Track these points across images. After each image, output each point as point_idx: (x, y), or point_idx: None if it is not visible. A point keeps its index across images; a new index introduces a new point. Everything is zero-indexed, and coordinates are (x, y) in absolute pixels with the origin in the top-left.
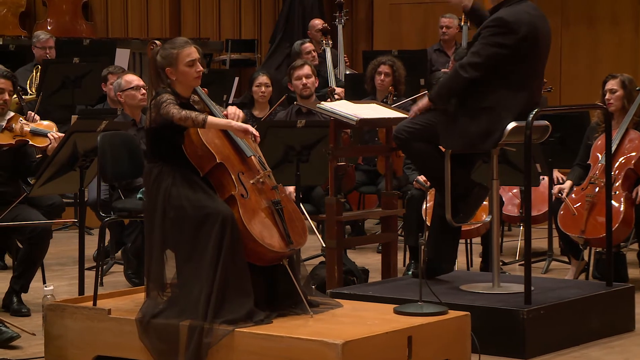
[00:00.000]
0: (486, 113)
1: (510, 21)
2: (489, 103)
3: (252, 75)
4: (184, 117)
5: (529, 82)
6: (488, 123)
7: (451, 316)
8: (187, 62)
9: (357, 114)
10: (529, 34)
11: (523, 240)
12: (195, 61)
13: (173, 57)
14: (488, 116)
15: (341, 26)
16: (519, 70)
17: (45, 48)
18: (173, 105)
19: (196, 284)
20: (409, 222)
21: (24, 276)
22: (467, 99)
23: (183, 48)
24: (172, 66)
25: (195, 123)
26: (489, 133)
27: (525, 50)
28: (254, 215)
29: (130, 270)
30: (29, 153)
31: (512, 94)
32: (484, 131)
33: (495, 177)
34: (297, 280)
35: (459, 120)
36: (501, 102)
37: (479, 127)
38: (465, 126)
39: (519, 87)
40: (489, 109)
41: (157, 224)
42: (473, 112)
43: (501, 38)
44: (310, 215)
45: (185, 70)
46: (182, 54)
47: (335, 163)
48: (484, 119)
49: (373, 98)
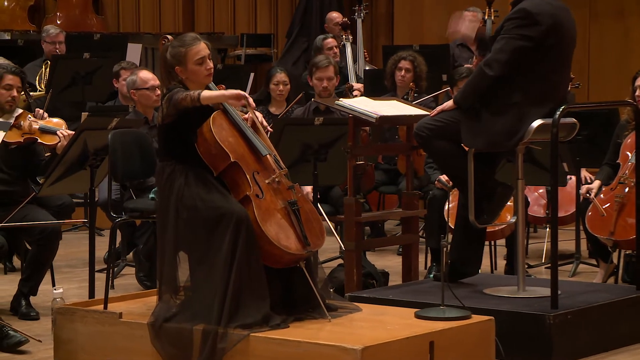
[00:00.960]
0: (510, 110)
1: (534, 12)
2: (513, 99)
3: (269, 72)
4: (183, 96)
5: (554, 77)
6: (512, 120)
7: (474, 321)
8: (197, 60)
9: (376, 111)
10: (553, 25)
11: (549, 242)
12: (204, 59)
13: (181, 56)
14: (512, 113)
15: (360, 20)
16: (544, 65)
17: (54, 43)
18: (181, 91)
19: (210, 287)
20: (431, 223)
21: (33, 278)
22: (491, 95)
23: (191, 46)
24: (182, 65)
25: (192, 99)
26: (514, 131)
27: (549, 43)
28: (270, 216)
29: (142, 273)
30: (37, 151)
31: (537, 90)
32: (508, 129)
33: (521, 176)
34: (315, 284)
35: (482, 117)
36: (526, 98)
37: (503, 125)
38: (488, 124)
39: (544, 83)
40: (513, 106)
41: (169, 225)
42: (497, 110)
43: (525, 30)
44: (328, 216)
45: (195, 68)
46: (191, 52)
47: (354, 162)
48: (508, 116)
49: (393, 95)
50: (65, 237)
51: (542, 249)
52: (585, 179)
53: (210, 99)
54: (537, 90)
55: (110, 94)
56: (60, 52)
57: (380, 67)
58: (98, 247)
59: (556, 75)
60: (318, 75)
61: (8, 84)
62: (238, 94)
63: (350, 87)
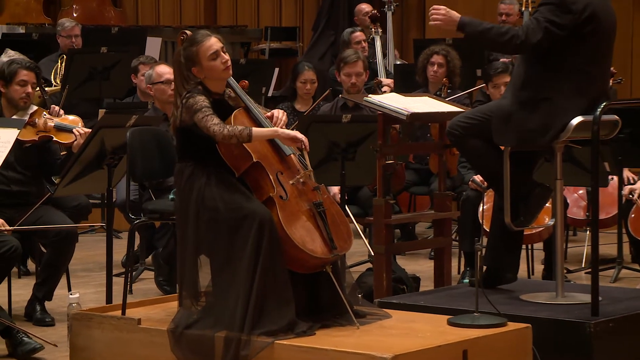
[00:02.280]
0: (542, 105)
1: (568, 0)
2: (545, 94)
3: (295, 67)
4: (227, 136)
5: (590, 70)
6: (544, 116)
7: (510, 328)
8: (210, 56)
9: (407, 108)
10: (588, 14)
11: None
12: (218, 52)
13: (194, 55)
14: (544, 108)
15: (390, 13)
16: (579, 57)
17: (70, 37)
18: (211, 117)
19: (232, 292)
20: (464, 226)
21: (48, 283)
22: (523, 89)
23: (202, 42)
24: (197, 64)
25: (240, 139)
26: (546, 127)
27: (584, 33)
28: (294, 218)
29: (161, 277)
30: (53, 150)
31: (571, 84)
32: (540, 125)
33: (559, 176)
34: (342, 289)
35: (513, 113)
36: (559, 92)
37: (535, 121)
38: (519, 120)
39: (578, 76)
40: (545, 101)
41: (190, 227)
42: (527, 105)
43: (557, 17)
44: (356, 218)
45: (211, 64)
46: (203, 49)
47: (384, 161)
48: (540, 111)
49: (425, 90)
50: (81, 240)
51: (582, 253)
52: (627, 179)
53: (263, 138)
54: (571, 84)
55: (128, 90)
56: (77, 46)
57: (411, 62)
58: (116, 250)
59: (592, 68)
60: (346, 70)
61: (22, 79)
62: (295, 136)
63: (380, 83)
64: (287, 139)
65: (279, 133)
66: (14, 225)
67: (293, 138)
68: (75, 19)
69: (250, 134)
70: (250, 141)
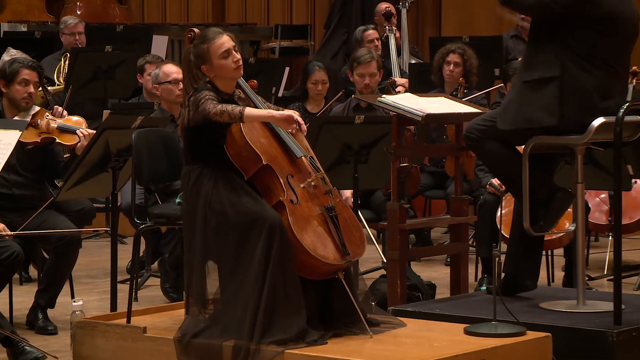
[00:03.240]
0: (548, 85)
1: None
2: (551, 72)
3: (306, 67)
4: (219, 112)
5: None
6: (550, 96)
7: (530, 338)
8: (221, 54)
9: (423, 109)
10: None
11: (612, 252)
12: (229, 51)
13: (205, 53)
14: (550, 88)
15: (405, 10)
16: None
17: (74, 34)
18: (210, 100)
19: (241, 299)
20: (482, 231)
21: (51, 290)
22: (528, 70)
23: (213, 40)
24: (207, 62)
25: (232, 117)
26: (552, 107)
27: (581, 13)
28: (305, 223)
29: (167, 284)
30: (56, 152)
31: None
32: (545, 105)
33: (580, 180)
34: (355, 296)
35: (519, 94)
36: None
37: (540, 100)
38: (523, 100)
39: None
40: (551, 80)
41: (197, 232)
42: (535, 84)
43: None
44: (369, 222)
45: (222, 63)
46: (214, 47)
47: (398, 164)
48: (545, 91)
49: (441, 91)
50: (85, 245)
51: (604, 260)
52: None
53: (254, 118)
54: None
55: (134, 90)
56: (81, 44)
57: (426, 61)
58: (120, 256)
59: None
60: (359, 71)
61: (24, 79)
62: (289, 116)
63: (394, 83)
64: (282, 119)
65: (273, 115)
66: (15, 230)
67: (287, 118)
68: (79, 16)
69: (243, 112)
70: (242, 120)
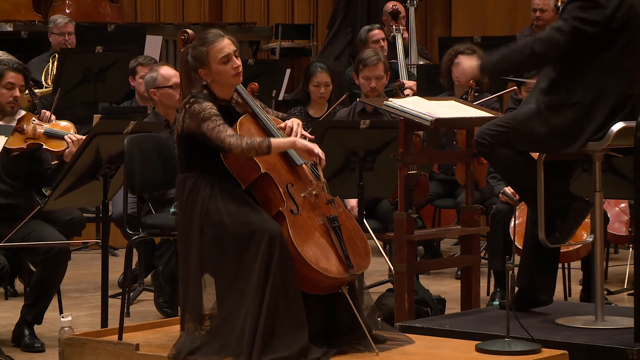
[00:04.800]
0: (572, 109)
1: None
2: (574, 99)
3: (308, 69)
4: (246, 149)
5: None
6: (573, 120)
7: (545, 355)
8: (221, 59)
9: (431, 113)
10: (621, 8)
11: (632, 264)
12: (230, 56)
13: (204, 56)
14: (573, 112)
15: (413, 8)
16: (609, 55)
17: (63, 34)
18: (223, 127)
19: (240, 315)
20: (494, 243)
21: (38, 305)
22: (551, 93)
23: (213, 43)
24: (205, 66)
25: (259, 152)
26: (577, 132)
27: (615, 27)
28: (307, 234)
29: (161, 299)
30: (43, 159)
31: (604, 84)
32: (569, 129)
33: (599, 188)
34: (360, 311)
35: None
36: (590, 95)
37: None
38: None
39: (612, 75)
40: (574, 105)
41: (193, 244)
42: (557, 108)
43: (587, 13)
44: (375, 233)
45: (220, 68)
46: (213, 51)
47: (406, 171)
48: (568, 115)
49: (450, 94)
50: (74, 258)
51: (624, 273)
52: None
53: (280, 149)
54: (604, 84)
55: (126, 94)
56: (70, 44)
57: (435, 62)
58: (112, 269)
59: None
60: (365, 73)
61: (10, 82)
62: (311, 149)
63: (402, 85)
64: (304, 150)
65: (296, 144)
66: (0, 242)
67: (310, 151)
68: (68, 15)
69: (270, 145)
70: (269, 153)
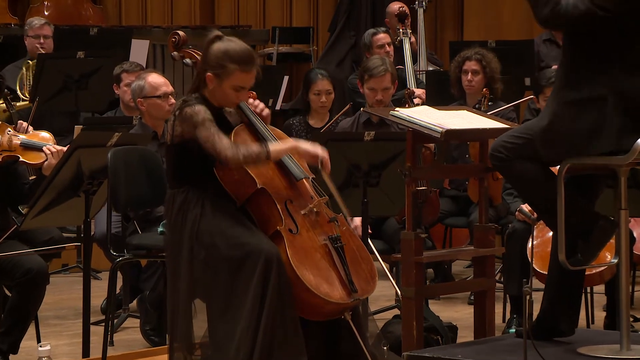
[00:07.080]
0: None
1: None
2: (596, 92)
3: (308, 76)
4: (244, 161)
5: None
6: (595, 118)
7: None
8: (235, 86)
9: (442, 124)
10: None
11: None
12: (244, 89)
13: (223, 69)
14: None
15: (422, 10)
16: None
17: (38, 37)
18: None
19: (233, 344)
20: (510, 265)
21: (13, 332)
22: (568, 89)
23: (239, 70)
24: (218, 77)
25: (258, 160)
26: (597, 131)
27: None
28: (307, 256)
29: (148, 326)
30: (19, 173)
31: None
32: (588, 130)
33: (624, 206)
34: (364, 340)
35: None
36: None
37: (582, 124)
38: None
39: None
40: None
41: (183, 266)
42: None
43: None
44: (381, 254)
45: (228, 92)
46: (235, 76)
47: (414, 187)
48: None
49: (462, 103)
50: (53, 281)
51: None
52: None
53: (280, 154)
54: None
55: (110, 103)
56: (47, 49)
57: (446, 69)
58: (94, 294)
59: None
60: (371, 84)
61: None
62: (315, 151)
63: (412, 94)
64: (307, 153)
65: (298, 147)
66: None
67: (314, 155)
68: (47, 17)
69: (269, 151)
70: (269, 159)
